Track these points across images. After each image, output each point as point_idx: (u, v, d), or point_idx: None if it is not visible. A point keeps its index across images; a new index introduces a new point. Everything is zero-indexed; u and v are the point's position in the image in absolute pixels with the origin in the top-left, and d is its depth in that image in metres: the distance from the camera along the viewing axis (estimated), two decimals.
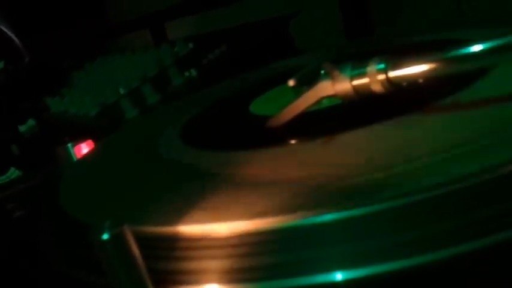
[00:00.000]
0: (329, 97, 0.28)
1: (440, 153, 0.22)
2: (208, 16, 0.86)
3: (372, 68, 0.26)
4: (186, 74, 0.58)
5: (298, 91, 0.29)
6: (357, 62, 0.27)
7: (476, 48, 0.24)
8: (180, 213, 0.22)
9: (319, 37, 0.71)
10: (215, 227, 0.21)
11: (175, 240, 0.21)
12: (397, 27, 0.68)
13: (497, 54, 0.24)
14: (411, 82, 0.26)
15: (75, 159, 0.39)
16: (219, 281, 0.20)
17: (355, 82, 0.26)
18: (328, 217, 0.19)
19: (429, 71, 0.25)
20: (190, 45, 0.63)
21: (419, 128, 0.25)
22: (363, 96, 0.27)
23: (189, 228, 0.21)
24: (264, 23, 0.68)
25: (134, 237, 0.19)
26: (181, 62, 0.60)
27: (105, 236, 0.18)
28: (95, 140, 0.41)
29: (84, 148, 0.39)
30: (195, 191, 0.25)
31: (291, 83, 0.28)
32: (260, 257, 0.20)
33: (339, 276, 0.18)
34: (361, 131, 0.26)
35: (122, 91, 0.57)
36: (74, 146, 0.39)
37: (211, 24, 0.83)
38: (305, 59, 0.45)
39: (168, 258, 0.21)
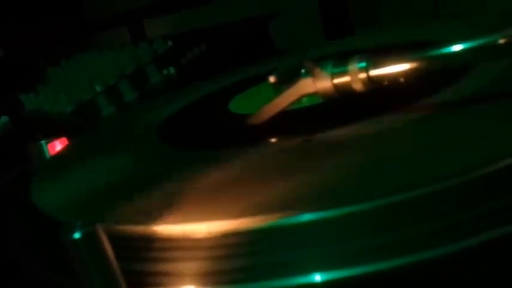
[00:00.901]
0: (310, 95, 0.27)
1: (419, 153, 0.22)
2: (188, 15, 0.85)
3: (353, 66, 0.26)
4: (165, 72, 0.58)
5: (278, 89, 0.29)
6: (338, 60, 0.26)
7: (457, 47, 0.24)
8: (156, 213, 0.21)
9: (299, 38, 0.71)
10: (192, 227, 0.20)
11: (150, 241, 0.21)
12: (376, 28, 0.69)
13: (477, 54, 0.24)
14: (392, 81, 0.26)
15: (48, 157, 0.38)
16: (196, 283, 0.19)
17: (336, 80, 0.26)
18: (307, 217, 0.19)
19: (410, 69, 0.25)
20: (169, 43, 0.63)
21: (400, 128, 0.25)
22: (343, 95, 0.26)
23: (165, 228, 0.21)
24: (244, 22, 0.67)
25: (108, 237, 0.19)
26: (159, 59, 0.59)
27: (77, 235, 0.17)
28: (69, 137, 0.40)
29: (58, 145, 0.38)
30: (172, 190, 0.24)
31: (272, 79, 0.28)
32: (238, 259, 0.19)
33: (317, 277, 0.18)
34: (341, 131, 0.26)
35: (98, 88, 0.56)
36: (47, 143, 0.38)
37: (190, 23, 0.82)
38: (286, 59, 0.45)
39: (143, 259, 0.21)
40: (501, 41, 0.23)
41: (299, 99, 0.28)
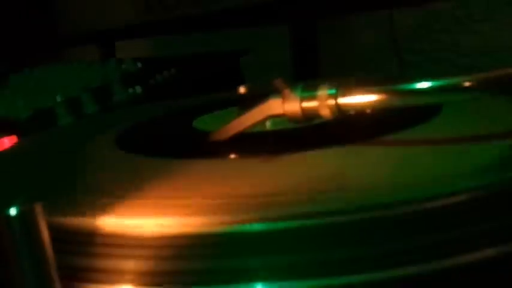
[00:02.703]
0: (276, 116, 0.27)
1: (373, 180, 0.22)
2: (160, 43, 0.86)
3: (322, 92, 0.26)
4: (130, 90, 0.57)
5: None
6: (308, 84, 0.26)
7: (425, 85, 0.24)
8: (98, 207, 0.20)
9: (268, 77, 0.72)
10: (137, 223, 0.19)
11: (90, 234, 0.19)
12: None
13: (444, 93, 0.24)
14: (360, 111, 0.26)
15: None
16: (134, 283, 0.18)
17: (305, 104, 0.26)
18: (256, 227, 0.18)
19: (377, 102, 0.25)
20: (139, 64, 0.62)
21: (357, 157, 0.25)
22: (310, 119, 0.26)
23: (108, 222, 0.19)
24: (215, 55, 0.68)
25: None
26: (126, 78, 0.58)
27: (13, 211, 0.16)
28: (20, 137, 0.38)
29: (7, 143, 0.37)
30: (120, 188, 0.23)
31: (242, 89, 0.27)
32: (181, 261, 0.18)
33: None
34: (303, 154, 0.26)
35: (59, 99, 0.55)
36: None
37: (162, 51, 0.82)
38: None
39: (81, 253, 0.19)
40: (467, 84, 0.24)
41: (265, 120, 0.27)
